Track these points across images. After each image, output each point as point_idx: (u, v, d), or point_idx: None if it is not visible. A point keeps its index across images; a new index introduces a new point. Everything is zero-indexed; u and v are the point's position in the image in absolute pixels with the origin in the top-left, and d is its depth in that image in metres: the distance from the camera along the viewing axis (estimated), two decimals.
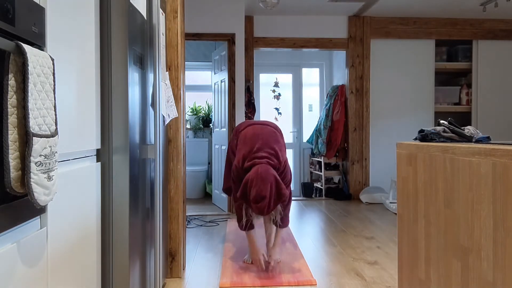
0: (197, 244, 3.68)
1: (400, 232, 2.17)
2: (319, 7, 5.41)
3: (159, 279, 2.09)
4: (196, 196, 6.16)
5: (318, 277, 2.84)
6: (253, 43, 5.69)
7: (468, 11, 5.53)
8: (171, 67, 2.76)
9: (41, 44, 1.12)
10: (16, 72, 0.96)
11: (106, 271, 1.70)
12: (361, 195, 5.64)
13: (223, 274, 2.88)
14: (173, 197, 2.80)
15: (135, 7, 1.87)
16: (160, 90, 2.05)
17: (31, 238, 1.09)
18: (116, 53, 1.69)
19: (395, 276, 2.86)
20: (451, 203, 1.65)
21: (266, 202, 2.60)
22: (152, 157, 2.07)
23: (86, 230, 1.50)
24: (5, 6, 0.93)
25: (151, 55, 2.17)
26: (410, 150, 2.03)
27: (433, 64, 5.87)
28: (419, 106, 5.89)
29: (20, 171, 0.97)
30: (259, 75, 6.96)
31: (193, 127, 6.58)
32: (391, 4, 5.25)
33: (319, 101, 7.15)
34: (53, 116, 1.08)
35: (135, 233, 1.83)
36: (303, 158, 7.05)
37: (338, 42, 5.81)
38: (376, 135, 5.87)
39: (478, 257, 1.46)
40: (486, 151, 1.41)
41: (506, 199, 1.30)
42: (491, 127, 5.87)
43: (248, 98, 5.54)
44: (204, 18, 5.10)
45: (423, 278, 1.91)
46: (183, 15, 3.00)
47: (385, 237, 3.87)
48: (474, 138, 1.87)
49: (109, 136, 1.70)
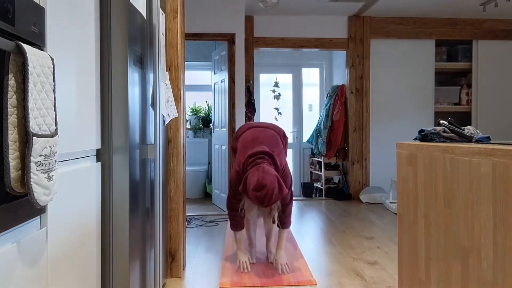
0: (197, 244, 3.68)
1: (400, 232, 2.17)
2: (319, 7, 5.41)
3: (159, 279, 2.09)
4: (196, 196, 6.16)
5: (318, 277, 2.84)
6: (253, 43, 5.69)
7: (468, 11, 5.53)
8: (171, 67, 2.76)
9: (41, 44, 1.12)
10: (16, 72, 0.96)
11: (106, 271, 1.70)
12: (361, 195, 5.64)
13: (223, 274, 2.88)
14: (173, 197, 2.80)
15: (135, 7, 1.87)
16: (160, 90, 2.05)
17: (31, 238, 1.09)
18: (116, 53, 1.69)
19: (395, 276, 2.86)
20: (451, 203, 1.65)
21: (266, 191, 2.55)
22: (152, 157, 2.07)
23: (86, 230, 1.50)
24: (5, 6, 0.93)
25: (151, 55, 2.16)
26: (410, 150, 2.03)
27: (433, 64, 5.87)
28: (419, 106, 5.89)
29: (20, 171, 0.97)
30: (259, 75, 6.96)
31: (193, 127, 6.58)
32: (391, 4, 5.25)
33: (319, 101, 7.15)
34: (53, 116, 1.08)
35: (135, 233, 1.83)
36: (303, 158, 7.05)
37: (338, 42, 5.81)
38: (376, 135, 5.87)
39: (478, 257, 1.46)
40: (486, 151, 1.41)
41: (506, 199, 1.30)
42: (491, 127, 5.87)
43: (248, 98, 5.55)
44: (204, 18, 5.10)
45: (423, 278, 1.91)
46: (183, 15, 3.00)
47: (385, 237, 3.87)
48: (474, 138, 1.87)
49: (109, 136, 1.70)
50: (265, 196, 2.57)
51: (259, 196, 2.58)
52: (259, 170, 2.63)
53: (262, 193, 2.57)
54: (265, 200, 2.58)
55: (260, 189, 2.57)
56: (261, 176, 2.58)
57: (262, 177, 2.58)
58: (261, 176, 2.58)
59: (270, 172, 2.64)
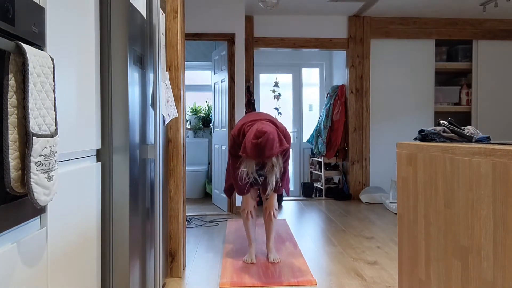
0: (197, 244, 3.68)
1: (400, 232, 2.17)
2: (319, 7, 5.41)
3: (159, 279, 2.09)
4: (196, 196, 6.16)
5: (318, 277, 2.84)
6: (253, 43, 5.69)
7: (468, 11, 5.53)
8: (171, 67, 2.76)
9: (41, 44, 1.12)
10: (16, 72, 0.96)
11: (106, 271, 1.70)
12: (361, 195, 5.64)
13: (223, 274, 2.88)
14: (173, 197, 2.80)
15: (135, 7, 1.87)
16: (160, 90, 2.05)
17: (31, 238, 1.09)
18: (116, 53, 1.69)
19: (395, 276, 2.86)
20: (451, 203, 1.65)
21: (266, 137, 2.51)
22: (152, 157, 2.07)
23: (86, 230, 1.50)
24: (5, 6, 0.93)
25: (151, 55, 2.16)
26: (410, 150, 2.03)
27: (433, 64, 5.87)
28: (419, 106, 5.89)
29: (20, 171, 0.97)
30: (259, 75, 6.96)
31: (193, 127, 6.58)
32: (391, 4, 5.25)
33: (319, 101, 7.15)
34: (53, 116, 1.08)
35: (135, 233, 1.83)
36: (303, 158, 7.05)
37: (338, 42, 5.81)
38: (376, 135, 5.87)
39: (478, 257, 1.46)
40: (486, 151, 1.41)
41: (506, 199, 1.30)
42: (491, 127, 5.87)
43: (248, 98, 5.55)
44: (204, 18, 5.10)
45: (423, 278, 1.91)
46: (183, 15, 3.00)
47: (385, 237, 3.87)
48: (474, 138, 1.87)
49: (109, 136, 1.70)
50: (266, 143, 2.50)
51: (259, 144, 2.51)
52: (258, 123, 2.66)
53: (263, 140, 2.50)
54: (265, 148, 2.51)
55: (260, 136, 2.52)
56: (261, 126, 2.59)
57: (262, 126, 2.59)
58: (261, 126, 2.59)
59: (270, 124, 2.66)
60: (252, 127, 2.66)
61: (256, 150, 2.53)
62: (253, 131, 2.58)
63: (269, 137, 2.51)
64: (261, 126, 2.59)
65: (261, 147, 2.52)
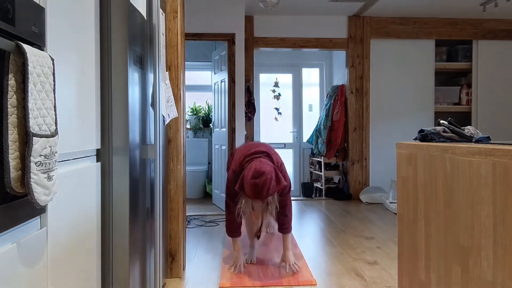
0: (197, 244, 3.68)
1: (400, 232, 2.17)
2: (319, 7, 5.41)
3: (159, 279, 2.09)
4: (196, 196, 6.16)
5: (318, 277, 2.84)
6: (253, 43, 5.69)
7: (468, 11, 5.53)
8: (171, 67, 2.76)
9: (41, 44, 1.12)
10: (16, 72, 0.96)
11: (106, 271, 1.70)
12: (361, 195, 5.64)
13: (223, 274, 2.88)
14: (173, 197, 2.80)
15: (135, 7, 1.87)
16: (160, 90, 2.05)
17: (31, 238, 1.09)
18: (116, 53, 1.69)
19: (395, 276, 2.86)
20: (451, 203, 1.65)
21: (264, 178, 2.52)
22: (152, 157, 2.07)
23: (86, 230, 1.50)
24: (5, 6, 0.93)
25: (151, 55, 2.16)
26: (410, 150, 2.03)
27: (433, 64, 5.87)
28: (419, 106, 5.89)
29: (20, 171, 0.97)
30: (259, 75, 6.96)
31: (193, 127, 6.58)
32: (391, 4, 5.25)
33: (319, 101, 7.15)
34: (53, 116, 1.08)
35: (135, 233, 1.83)
36: (303, 158, 7.05)
37: (338, 42, 5.81)
38: (376, 135, 5.87)
39: (478, 257, 1.46)
40: (486, 151, 1.41)
41: (506, 199, 1.30)
42: (491, 127, 5.87)
43: (248, 98, 5.55)
44: (204, 18, 5.10)
45: (423, 278, 1.91)
46: (183, 15, 3.00)
47: (385, 237, 3.87)
48: (474, 138, 1.87)
49: (109, 136, 1.70)
50: (264, 184, 2.52)
51: (257, 184, 2.52)
52: (257, 161, 2.65)
53: (261, 180, 2.52)
54: (263, 189, 2.53)
55: (259, 176, 2.53)
56: (259, 165, 2.59)
57: (260, 166, 2.58)
58: (259, 165, 2.59)
59: (268, 162, 2.65)
60: (251, 164, 2.65)
61: (254, 191, 2.56)
62: (252, 169, 2.59)
63: (266, 179, 2.54)
64: (259, 166, 2.58)
65: (259, 187, 2.54)
